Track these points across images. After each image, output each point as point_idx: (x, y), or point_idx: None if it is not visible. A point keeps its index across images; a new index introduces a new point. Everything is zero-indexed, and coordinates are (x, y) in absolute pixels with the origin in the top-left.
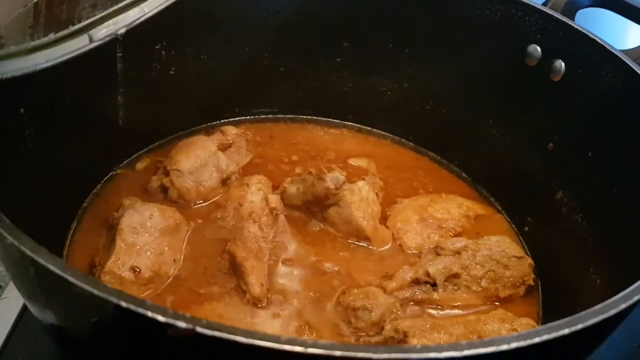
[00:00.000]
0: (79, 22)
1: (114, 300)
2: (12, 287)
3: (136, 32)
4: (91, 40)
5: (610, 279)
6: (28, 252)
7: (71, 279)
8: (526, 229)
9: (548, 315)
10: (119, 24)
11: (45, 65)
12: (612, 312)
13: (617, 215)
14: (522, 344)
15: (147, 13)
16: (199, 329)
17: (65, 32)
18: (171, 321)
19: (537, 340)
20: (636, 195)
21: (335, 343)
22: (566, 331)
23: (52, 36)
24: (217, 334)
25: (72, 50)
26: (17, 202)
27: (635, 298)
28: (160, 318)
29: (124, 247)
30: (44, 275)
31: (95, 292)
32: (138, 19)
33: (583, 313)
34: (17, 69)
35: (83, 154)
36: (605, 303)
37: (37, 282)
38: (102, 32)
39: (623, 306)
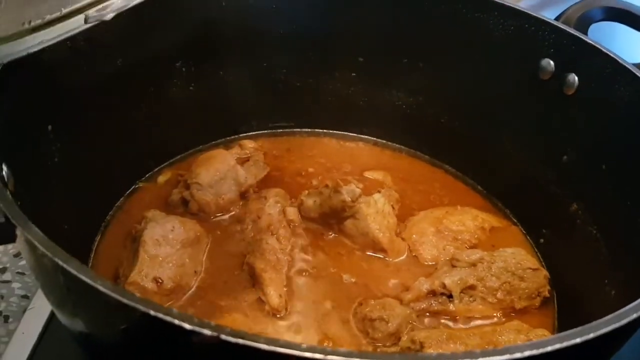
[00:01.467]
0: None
1: (142, 308)
2: (40, 296)
3: (158, 50)
4: (86, 21)
5: (625, 290)
6: (60, 262)
7: (101, 288)
8: (542, 241)
9: (563, 326)
10: (108, 9)
11: (37, 48)
12: (624, 321)
13: (630, 227)
14: (534, 352)
15: (135, 0)
16: (223, 337)
17: (57, 14)
18: (197, 329)
19: (549, 348)
20: None
21: (353, 351)
22: (578, 340)
23: (47, 17)
24: (240, 341)
25: (63, 32)
26: (44, 215)
27: None
28: (187, 326)
29: (147, 258)
30: (74, 284)
31: (124, 300)
32: (125, 5)
33: (595, 322)
34: (11, 53)
35: (107, 168)
36: (617, 313)
37: (67, 291)
38: (93, 17)
39: (634, 316)
